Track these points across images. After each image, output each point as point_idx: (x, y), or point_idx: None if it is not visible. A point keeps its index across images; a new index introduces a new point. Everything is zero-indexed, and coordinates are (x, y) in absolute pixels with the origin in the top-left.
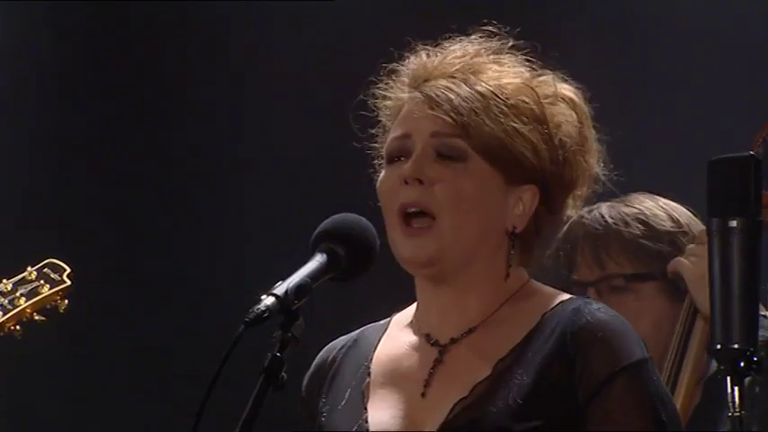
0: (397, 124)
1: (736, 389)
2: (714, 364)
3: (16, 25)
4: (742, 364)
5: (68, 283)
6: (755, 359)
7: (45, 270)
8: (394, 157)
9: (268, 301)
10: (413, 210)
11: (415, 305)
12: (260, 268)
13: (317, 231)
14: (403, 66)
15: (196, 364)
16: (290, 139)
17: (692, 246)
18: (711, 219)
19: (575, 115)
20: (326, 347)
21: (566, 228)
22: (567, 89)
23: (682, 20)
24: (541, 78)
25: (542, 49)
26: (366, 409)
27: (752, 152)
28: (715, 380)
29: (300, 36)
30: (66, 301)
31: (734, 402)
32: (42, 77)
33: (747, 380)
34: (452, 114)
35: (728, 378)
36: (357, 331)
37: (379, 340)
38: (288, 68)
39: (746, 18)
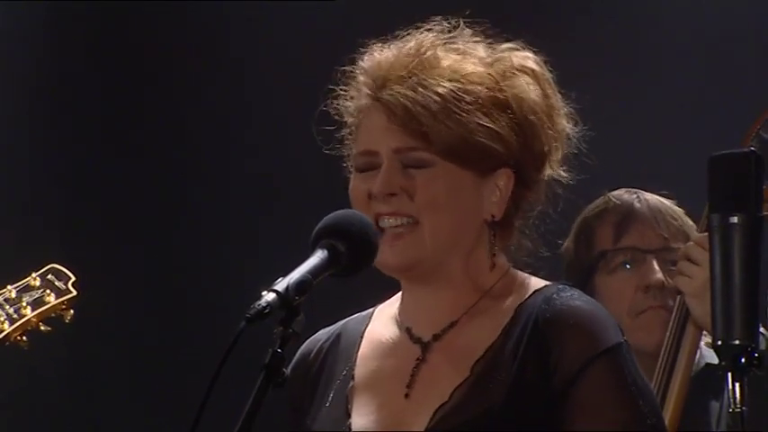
0: (361, 137)
1: (737, 385)
2: (702, 360)
3: (16, 25)
4: (743, 359)
5: (74, 292)
6: (756, 355)
7: (48, 277)
8: (362, 170)
9: (269, 297)
10: (391, 223)
11: (399, 296)
12: (261, 264)
13: (317, 227)
14: (358, 66)
15: (197, 360)
16: (290, 136)
17: (682, 262)
18: (712, 215)
19: (537, 85)
20: (309, 340)
21: (595, 208)
22: (525, 59)
23: (681, 16)
24: (498, 54)
25: (541, 47)
26: (349, 414)
27: (751, 147)
28: (702, 374)
29: (301, 36)
30: (72, 311)
31: (735, 398)
32: (42, 77)
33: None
34: (412, 126)
35: (729, 374)
36: (340, 324)
37: (362, 336)
38: (289, 68)
39: (746, 16)
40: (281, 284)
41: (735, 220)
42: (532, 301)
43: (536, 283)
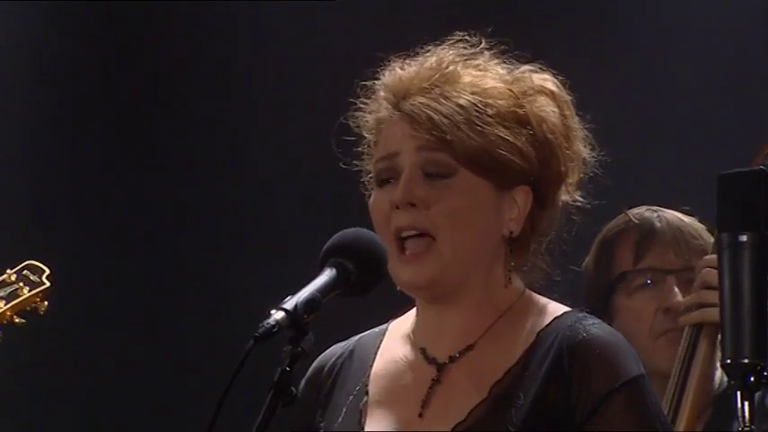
0: (381, 146)
1: (746, 403)
2: (725, 380)
3: (16, 25)
4: (752, 378)
5: (47, 284)
6: (766, 373)
7: (24, 272)
8: (383, 179)
9: (277, 315)
10: (409, 233)
11: (413, 312)
12: (269, 283)
13: (326, 246)
14: (378, 81)
15: (205, 379)
16: (300, 151)
17: (704, 291)
18: (721, 233)
19: (556, 106)
20: (323, 355)
21: (615, 227)
22: (545, 80)
23: (687, 33)
24: (518, 74)
25: (546, 63)
26: (363, 428)
27: (761, 166)
28: (726, 395)
29: (300, 36)
30: (46, 303)
31: (744, 416)
32: (42, 77)
33: (758, 394)
34: (435, 132)
35: (739, 392)
36: (353, 340)
37: (376, 353)
38: (289, 68)
39: (760, 35)
40: (289, 303)
41: (744, 238)
42: (554, 328)
43: (556, 308)
